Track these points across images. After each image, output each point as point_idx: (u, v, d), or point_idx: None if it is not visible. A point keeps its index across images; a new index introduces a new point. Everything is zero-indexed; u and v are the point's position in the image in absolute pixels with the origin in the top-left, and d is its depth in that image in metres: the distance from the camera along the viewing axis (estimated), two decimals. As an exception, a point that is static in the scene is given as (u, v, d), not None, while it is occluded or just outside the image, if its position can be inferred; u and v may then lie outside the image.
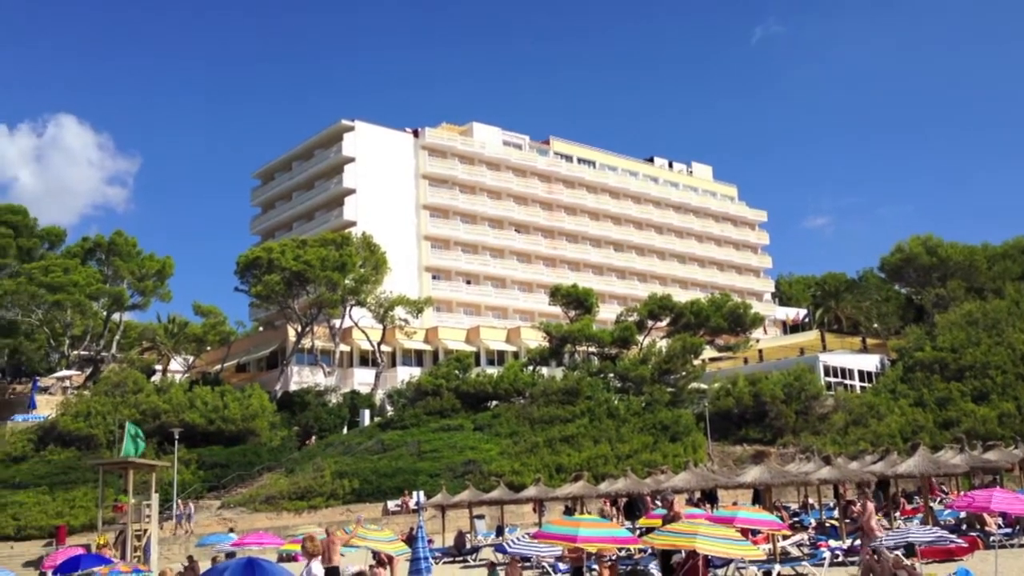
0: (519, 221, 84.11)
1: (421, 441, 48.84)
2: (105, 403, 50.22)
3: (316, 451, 49.60)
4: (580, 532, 16.79)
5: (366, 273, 60.88)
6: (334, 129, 77.02)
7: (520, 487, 38.63)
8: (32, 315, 60.16)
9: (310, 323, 60.27)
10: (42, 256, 65.92)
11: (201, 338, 62.52)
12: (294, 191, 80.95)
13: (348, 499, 43.49)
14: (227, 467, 47.34)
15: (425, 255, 77.10)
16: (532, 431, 49.84)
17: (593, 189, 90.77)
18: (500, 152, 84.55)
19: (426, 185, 78.91)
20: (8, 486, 44.70)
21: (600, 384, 55.76)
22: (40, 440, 49.00)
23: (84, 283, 59.56)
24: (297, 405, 55.96)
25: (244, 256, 60.38)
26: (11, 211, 67.60)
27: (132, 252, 65.30)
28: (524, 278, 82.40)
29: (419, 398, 54.78)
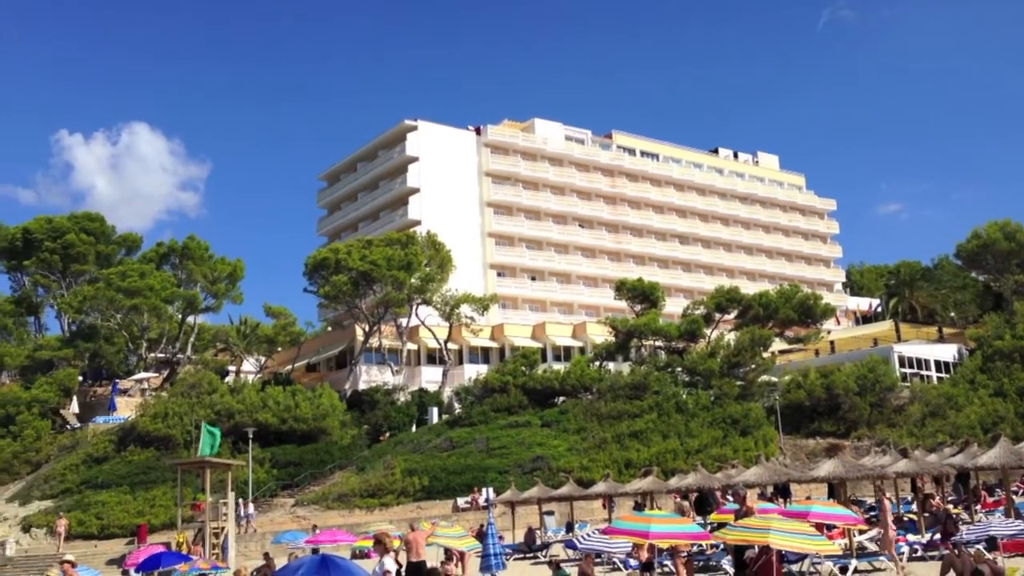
0: (583, 216, 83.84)
1: (489, 438, 49.01)
2: (182, 404, 51.47)
3: (386, 449, 50.12)
4: (652, 528, 16.69)
5: (431, 272, 61.28)
6: (397, 129, 77.71)
7: (589, 483, 38.55)
8: (111, 319, 61.95)
9: (377, 322, 60.90)
10: (120, 262, 67.87)
11: (272, 339, 63.66)
12: (359, 192, 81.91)
13: (418, 496, 43.87)
14: (300, 465, 48.13)
15: (490, 252, 77.31)
16: (600, 427, 49.66)
17: (657, 182, 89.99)
18: (562, 147, 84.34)
19: (489, 182, 79.11)
20: (91, 486, 46.14)
21: (668, 378, 55.28)
22: (121, 441, 50.42)
23: (160, 287, 61.13)
24: (366, 404, 56.60)
25: (312, 257, 61.29)
26: (90, 219, 69.78)
27: (205, 256, 66.79)
28: (589, 273, 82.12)
29: (486, 395, 54.97)
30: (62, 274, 67.20)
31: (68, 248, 66.03)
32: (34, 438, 52.75)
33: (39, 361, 60.13)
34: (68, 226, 67.65)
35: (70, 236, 66.32)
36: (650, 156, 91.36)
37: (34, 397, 55.01)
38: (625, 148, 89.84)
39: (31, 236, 66.91)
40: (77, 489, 46.28)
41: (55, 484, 47.55)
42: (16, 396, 55.16)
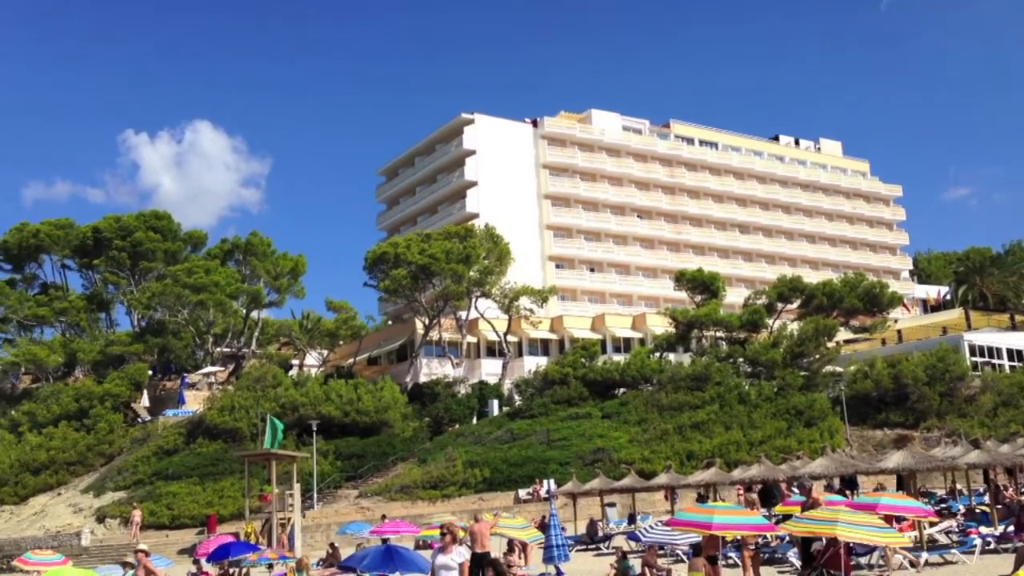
0: (641, 207, 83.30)
1: (550, 430, 49.04)
2: (247, 397, 52.46)
3: (447, 441, 50.47)
4: (715, 519, 16.53)
5: (490, 264, 61.46)
6: (454, 123, 78.04)
7: (651, 474, 38.35)
8: (178, 315, 63.40)
9: (437, 315, 61.32)
10: (186, 258, 69.39)
11: (334, 333, 64.48)
12: (417, 186, 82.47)
13: (480, 488, 44.10)
14: (363, 457, 48.71)
15: (548, 244, 77.26)
16: (661, 418, 49.36)
17: (716, 171, 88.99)
18: (620, 138, 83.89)
19: (547, 174, 79.05)
20: (162, 477, 47.31)
21: (729, 369, 54.70)
22: (190, 433, 51.59)
23: (224, 283, 62.34)
24: (427, 396, 57.06)
25: (371, 252, 61.93)
26: (157, 217, 71.44)
27: (267, 252, 67.92)
28: (648, 264, 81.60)
29: (546, 387, 55.00)
30: (131, 271, 68.90)
31: (137, 246, 67.69)
32: (107, 431, 54.25)
33: (111, 356, 61.79)
34: (136, 225, 69.34)
35: (138, 234, 67.96)
36: (709, 145, 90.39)
37: (107, 391, 56.59)
38: (683, 137, 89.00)
39: (101, 235, 68.74)
40: (149, 480, 47.48)
41: (127, 475, 48.86)
42: (90, 390, 56.81)
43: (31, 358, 61.99)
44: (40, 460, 51.50)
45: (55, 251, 71.39)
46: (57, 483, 51.34)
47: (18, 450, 52.64)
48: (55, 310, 67.57)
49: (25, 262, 72.38)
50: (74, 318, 68.03)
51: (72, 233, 70.40)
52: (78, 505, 47.55)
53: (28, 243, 70.32)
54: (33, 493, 50.60)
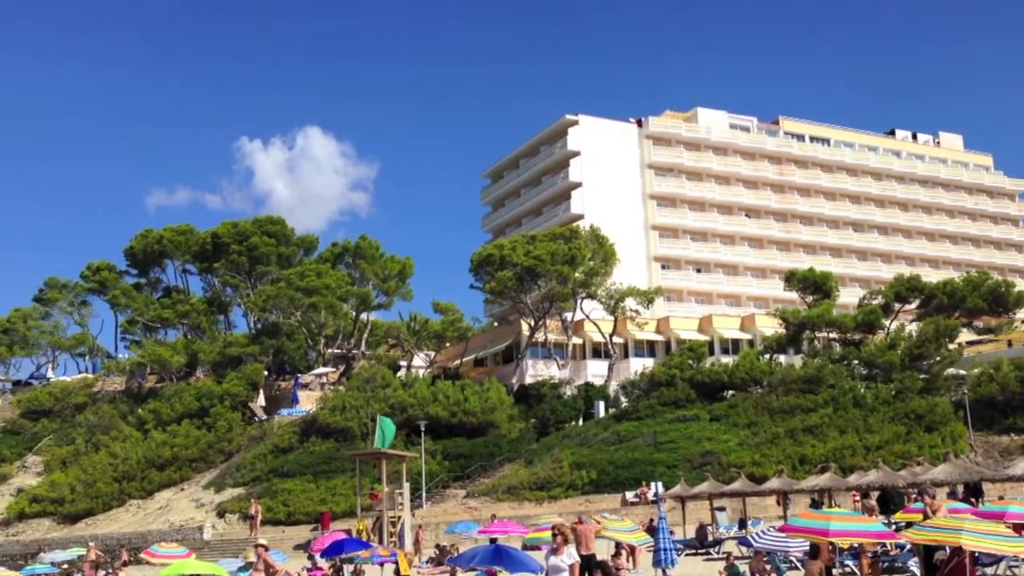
0: (749, 206, 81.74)
1: (657, 432, 48.54)
2: (358, 398, 53.64)
3: (553, 442, 50.48)
4: (832, 526, 16.05)
5: (595, 265, 61.26)
6: (559, 124, 78.12)
7: (762, 479, 37.54)
8: (292, 317, 65.32)
9: (542, 317, 61.44)
10: (299, 262, 71.47)
11: (441, 334, 65.33)
12: (522, 188, 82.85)
13: (587, 490, 43.96)
14: (470, 458, 49.19)
15: (653, 245, 76.55)
16: (772, 421, 48.25)
17: (828, 168, 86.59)
18: (727, 136, 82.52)
19: (652, 174, 78.37)
20: (278, 474, 48.82)
21: (843, 371, 53.05)
22: (303, 432, 53.07)
23: (335, 286, 63.93)
24: (533, 398, 57.21)
25: (477, 254, 62.50)
26: (271, 222, 73.84)
27: (376, 255, 69.33)
28: (757, 264, 79.98)
29: (653, 389, 54.46)
30: (248, 275, 71.36)
31: (252, 250, 70.06)
32: (226, 429, 56.31)
33: (229, 357, 64.09)
34: (252, 230, 71.78)
35: (254, 239, 70.35)
36: (820, 141, 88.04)
37: (225, 391, 58.75)
38: (793, 134, 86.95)
39: (219, 240, 71.44)
40: (265, 477, 49.06)
41: (246, 472, 50.58)
42: (210, 390, 59.09)
43: (156, 359, 64.83)
44: (165, 456, 53.83)
45: (177, 256, 74.60)
46: (180, 479, 53.55)
47: (144, 447, 55.14)
48: (178, 313, 70.58)
49: (150, 267, 75.95)
50: (195, 320, 70.89)
51: (192, 239, 73.41)
52: (200, 500, 49.50)
53: (152, 249, 73.74)
54: (158, 488, 52.94)
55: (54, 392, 65.73)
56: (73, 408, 63.89)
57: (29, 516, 52.56)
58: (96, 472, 53.48)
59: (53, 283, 77.29)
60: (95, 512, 51.34)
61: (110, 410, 61.92)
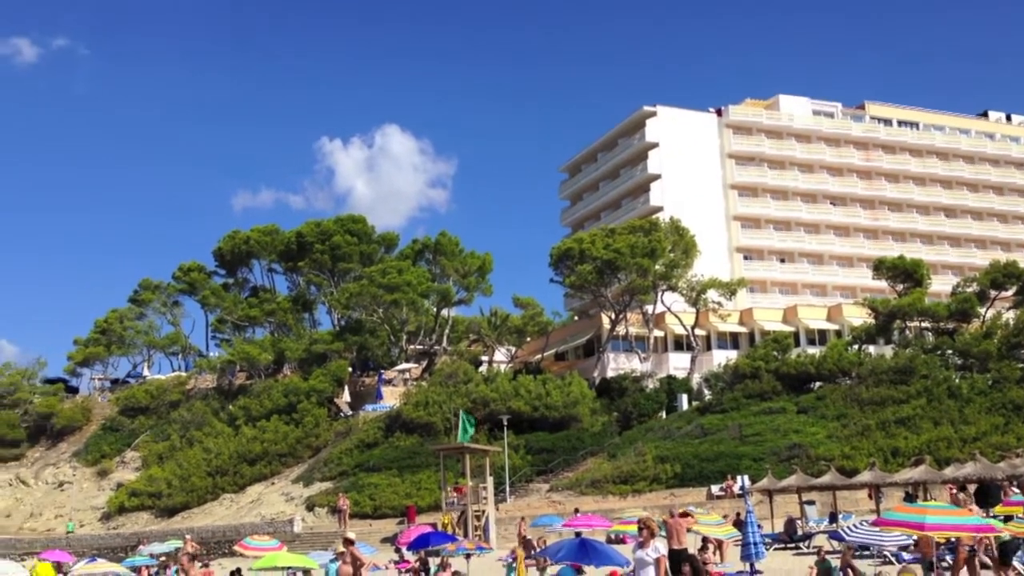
0: (834, 193, 79.82)
1: (742, 425, 47.81)
2: (440, 393, 54.15)
3: (636, 436, 50.16)
4: (927, 519, 15.59)
5: (676, 257, 60.62)
6: (636, 116, 77.47)
7: (852, 472, 36.66)
8: (374, 314, 66.29)
9: (623, 310, 61.07)
10: (380, 259, 72.45)
11: (521, 329, 65.50)
12: (600, 181, 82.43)
13: (671, 483, 43.57)
14: (552, 452, 49.19)
15: (735, 235, 75.39)
16: (862, 413, 47.05)
17: (917, 152, 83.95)
18: (810, 123, 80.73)
19: (732, 164, 77.15)
20: (364, 469, 49.62)
21: (937, 362, 51.41)
22: (388, 427, 53.83)
23: (416, 282, 64.62)
24: (615, 391, 56.93)
25: (556, 248, 62.43)
26: (353, 220, 75.05)
27: (456, 251, 69.84)
28: (843, 253, 78.09)
29: (737, 381, 53.65)
30: (331, 273, 72.67)
31: (335, 249, 71.28)
32: (313, 424, 57.48)
33: (314, 354, 65.39)
34: (334, 228, 73.04)
35: (336, 238, 71.56)
36: (908, 125, 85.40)
37: (312, 387, 59.97)
38: (880, 119, 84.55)
39: (303, 239, 72.91)
40: (352, 472, 49.92)
41: (333, 467, 51.55)
42: (297, 386, 60.39)
43: (245, 356, 66.54)
44: (255, 451, 55.23)
45: (263, 256, 76.45)
46: (271, 473, 54.90)
47: (235, 442, 56.66)
48: (264, 311, 72.32)
49: (237, 267, 78.04)
50: (281, 318, 72.54)
51: (278, 238, 75.10)
52: (289, 494, 50.63)
53: (239, 249, 75.71)
54: (250, 482, 54.36)
55: (150, 390, 68.06)
56: (168, 405, 66.06)
57: (129, 509, 54.60)
58: (191, 467, 55.20)
59: (147, 284, 79.99)
60: (191, 505, 53.01)
61: (203, 407, 63.82)
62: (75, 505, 57.33)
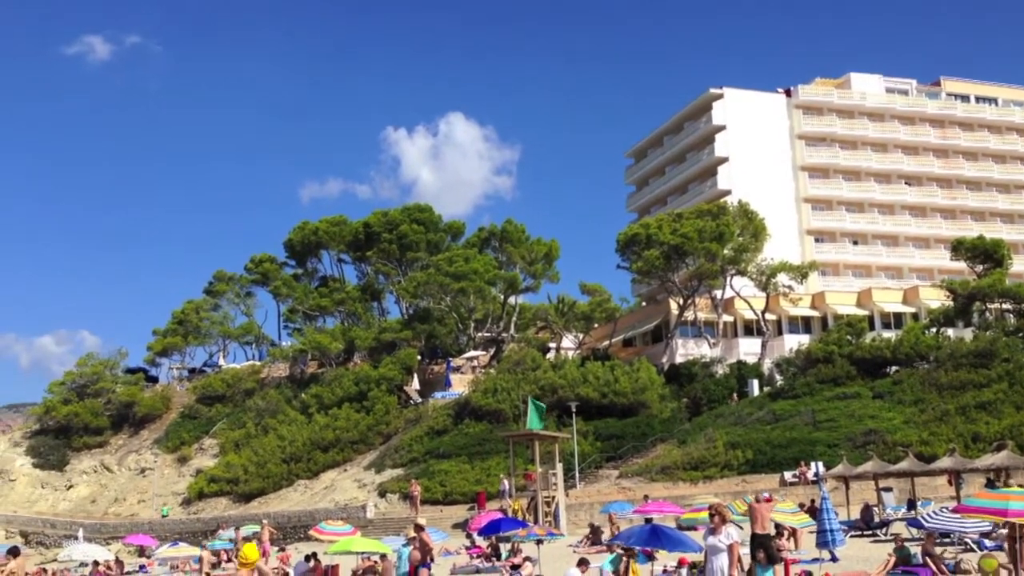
0: (909, 173, 77.78)
1: (815, 410, 47.02)
2: (508, 380, 54.35)
3: (706, 422, 49.71)
4: (1011, 505, 15.16)
5: (745, 241, 59.79)
6: (703, 99, 76.46)
7: (931, 458, 35.80)
8: (442, 302, 66.77)
9: (691, 295, 60.49)
10: (447, 248, 72.89)
11: (588, 315, 65.32)
12: (666, 166, 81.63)
13: (742, 470, 43.08)
14: (622, 438, 49.03)
15: (806, 218, 74.01)
16: (940, 398, 45.86)
17: (996, 129, 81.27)
18: (883, 101, 78.74)
19: (802, 145, 75.67)
20: (434, 456, 50.13)
21: (1019, 344, 49.81)
22: (457, 415, 54.26)
23: (483, 270, 64.88)
24: (684, 377, 56.49)
25: (623, 234, 62.05)
26: (419, 210, 75.64)
27: (522, 238, 69.89)
28: (919, 234, 76.11)
29: (809, 366, 52.74)
30: (399, 262, 73.38)
31: (402, 238, 71.95)
32: (384, 412, 58.23)
33: (384, 342, 66.18)
34: (401, 218, 73.73)
35: (403, 227, 72.21)
36: (987, 101, 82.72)
37: (382, 375, 60.72)
38: (956, 95, 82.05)
39: (371, 229, 73.75)
40: (422, 459, 50.47)
41: (403, 454, 52.19)
42: (367, 374, 61.21)
43: (316, 345, 67.65)
44: (328, 439, 56.18)
45: (332, 246, 77.54)
46: (343, 460, 55.80)
47: (309, 430, 57.70)
48: (334, 301, 73.43)
49: (307, 257, 79.32)
50: (351, 307, 73.55)
51: (346, 229, 76.08)
52: (362, 480, 51.42)
53: (309, 240, 76.94)
54: (323, 469, 55.34)
55: (225, 379, 69.68)
56: (243, 393, 67.56)
57: (207, 495, 56.07)
58: (266, 454, 56.41)
59: (221, 276, 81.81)
60: (266, 491, 54.20)
61: (276, 395, 65.11)
62: (157, 491, 59.08)
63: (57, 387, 72.05)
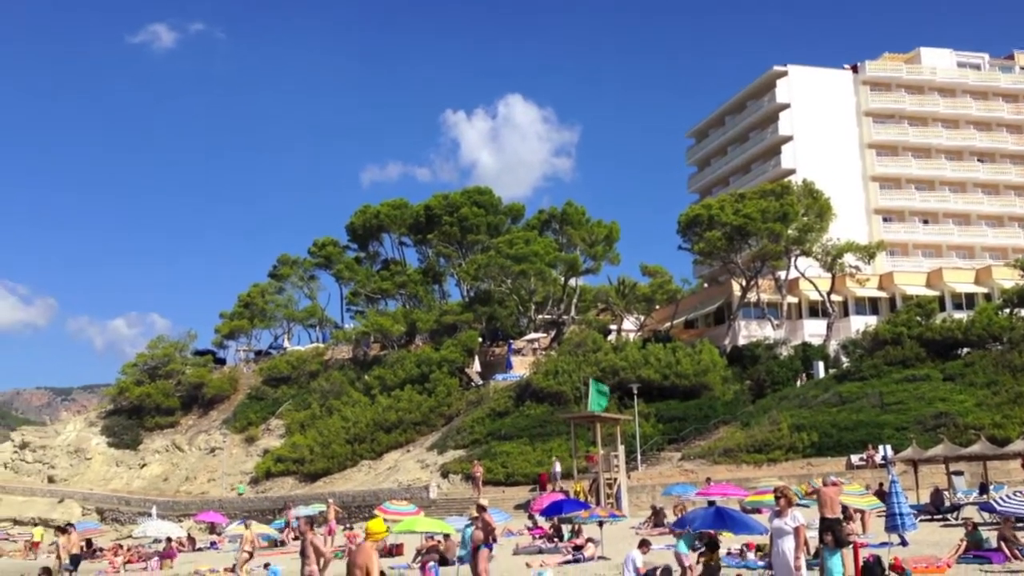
0: (982, 149, 75.60)
1: (883, 393, 46.11)
2: (569, 362, 54.31)
3: (770, 404, 49.11)
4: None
5: (809, 221, 58.71)
6: (766, 77, 75.17)
7: (1004, 441, 34.95)
8: (502, 284, 66.93)
9: (754, 276, 59.68)
10: (507, 230, 73.02)
11: (649, 297, 64.89)
12: (728, 146, 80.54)
13: (807, 452, 42.50)
14: (684, 420, 48.70)
15: (873, 197, 72.45)
16: (1015, 380, 44.59)
17: (1074, 102, 78.55)
18: (954, 76, 76.55)
19: (869, 122, 74.00)
20: (496, 437, 50.38)
21: (1098, 325, 48.21)
22: (518, 397, 54.41)
23: (543, 252, 64.82)
24: (747, 359, 55.84)
25: (684, 215, 61.42)
26: (479, 192, 75.83)
27: (582, 220, 69.63)
28: (992, 212, 74.07)
29: (877, 348, 51.68)
30: (459, 244, 73.71)
31: (463, 221, 72.22)
32: (445, 394, 58.66)
33: (445, 325, 66.61)
34: (461, 201, 73.99)
35: (464, 210, 72.45)
36: (1064, 73, 79.90)
37: (443, 357, 61.15)
38: (1031, 68, 79.43)
39: (432, 212, 74.18)
40: (484, 440, 50.76)
41: (465, 435, 52.55)
42: (429, 357, 61.71)
43: (378, 328, 68.40)
44: (390, 420, 56.85)
45: (393, 229, 78.22)
46: (406, 441, 56.42)
47: (372, 411, 58.44)
48: (396, 283, 74.12)
49: (369, 241, 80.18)
50: (412, 290, 74.18)
51: (407, 212, 76.63)
52: (424, 461, 51.95)
53: (370, 224, 77.72)
54: (386, 450, 56.04)
55: (290, 361, 70.87)
56: (307, 375, 68.66)
57: (274, 475, 57.21)
58: (331, 434, 57.31)
59: (285, 260, 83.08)
60: (332, 471, 55.11)
61: (340, 377, 66.04)
62: (225, 470, 60.49)
63: (130, 368, 74.09)
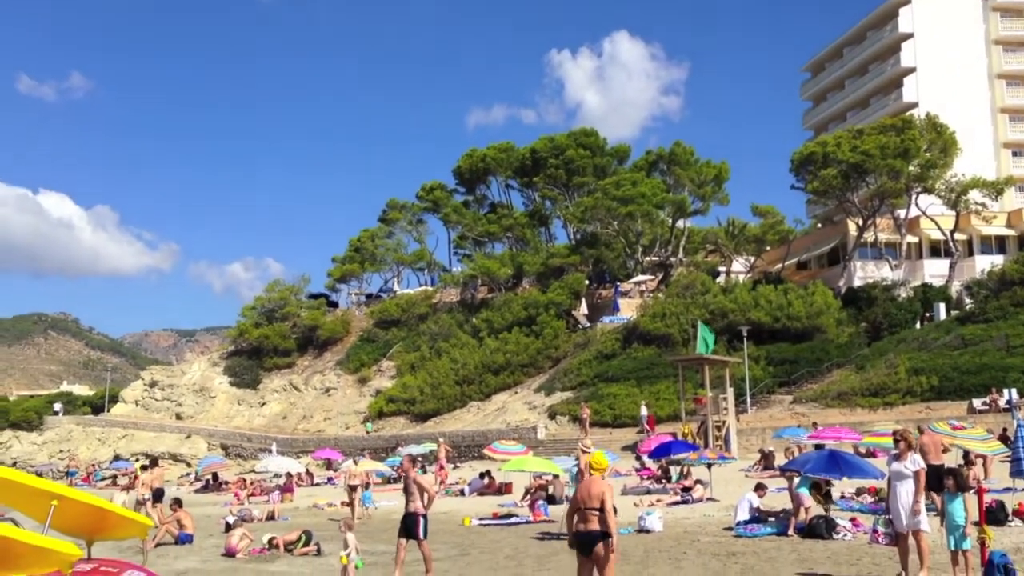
0: (1125, 76, 70.41)
1: (1009, 335, 44.06)
2: (677, 304, 53.76)
3: (887, 347, 47.54)
4: None
5: (932, 157, 55.99)
6: (888, 6, 71.47)
7: None
8: (609, 227, 66.43)
9: (872, 215, 57.50)
10: (613, 172, 72.23)
11: (760, 238, 63.42)
12: (846, 79, 77.25)
13: (926, 396, 41.09)
14: (795, 363, 47.70)
15: (1003, 130, 68.53)
16: None
17: None
18: (1095, -4, 71.15)
19: (999, 51, 69.69)
20: (602, 379, 50.48)
21: None
22: (625, 339, 54.27)
23: (650, 194, 63.93)
24: (863, 301, 54.10)
25: (798, 153, 59.44)
26: (585, 134, 75.08)
27: (690, 160, 68.25)
28: None
29: (1003, 288, 49.30)
30: (565, 187, 73.39)
31: (569, 163, 71.76)
32: (552, 336, 58.99)
33: (551, 267, 66.72)
34: (567, 143, 73.44)
35: (569, 152, 71.93)
36: None
37: (550, 300, 61.38)
38: None
39: (537, 155, 73.92)
40: (591, 382, 50.94)
41: (572, 377, 52.83)
42: (536, 299, 62.03)
43: (485, 271, 69.04)
44: (498, 362, 57.59)
45: (500, 173, 78.36)
46: (513, 383, 57.14)
47: (480, 353, 59.30)
48: (503, 227, 74.46)
49: (476, 184, 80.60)
50: (519, 233, 74.43)
51: (513, 155, 76.58)
52: (532, 403, 52.54)
53: (477, 167, 78.04)
54: (494, 391, 56.90)
55: (400, 304, 72.39)
56: (417, 318, 70.05)
57: (387, 414, 58.92)
58: (440, 376, 58.49)
59: (394, 204, 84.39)
60: (441, 412, 56.38)
61: (448, 319, 67.13)
62: (340, 409, 62.57)
63: (248, 311, 77.07)
